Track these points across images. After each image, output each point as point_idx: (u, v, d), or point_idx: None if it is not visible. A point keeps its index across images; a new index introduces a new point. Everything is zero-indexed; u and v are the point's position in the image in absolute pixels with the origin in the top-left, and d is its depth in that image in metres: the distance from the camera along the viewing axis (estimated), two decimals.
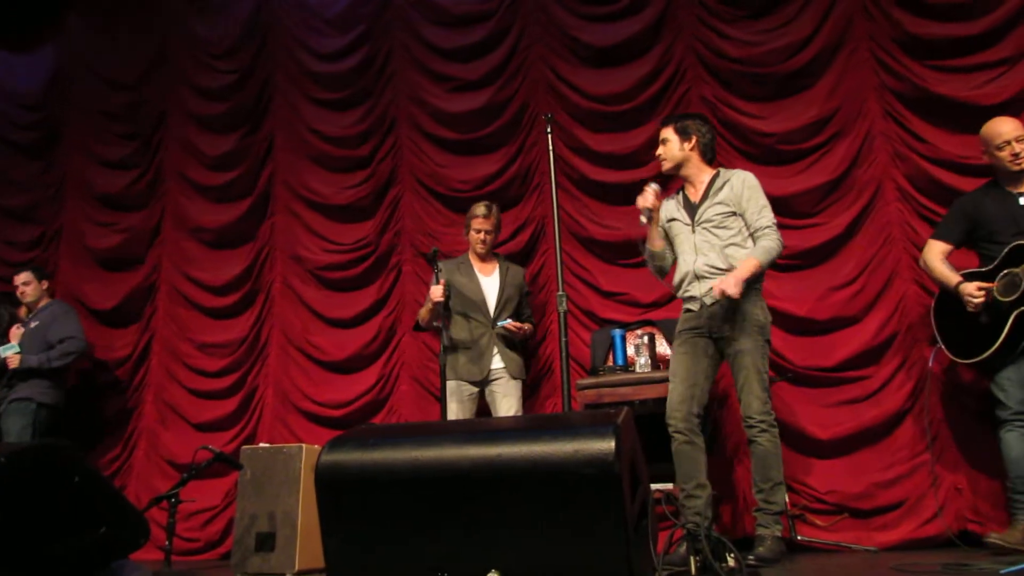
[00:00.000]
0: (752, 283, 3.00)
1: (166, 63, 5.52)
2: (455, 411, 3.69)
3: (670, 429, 3.03)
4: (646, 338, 3.70)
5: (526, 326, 3.80)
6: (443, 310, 3.67)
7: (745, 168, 3.84)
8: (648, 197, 3.12)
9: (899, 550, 3.30)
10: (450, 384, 3.71)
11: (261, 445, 3.63)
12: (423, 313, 3.85)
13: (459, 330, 3.77)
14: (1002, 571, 2.30)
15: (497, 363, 3.74)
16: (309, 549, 3.33)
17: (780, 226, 3.82)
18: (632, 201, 4.16)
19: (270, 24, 5.30)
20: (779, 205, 3.87)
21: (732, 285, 2.86)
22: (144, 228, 5.32)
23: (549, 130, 3.30)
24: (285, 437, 4.53)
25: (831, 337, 3.77)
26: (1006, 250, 2.96)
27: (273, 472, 3.47)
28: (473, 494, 1.83)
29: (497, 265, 3.92)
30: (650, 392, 3.50)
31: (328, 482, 1.88)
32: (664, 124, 3.29)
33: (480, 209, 3.87)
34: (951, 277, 3.10)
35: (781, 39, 4.05)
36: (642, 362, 3.64)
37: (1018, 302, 2.87)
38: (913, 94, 3.79)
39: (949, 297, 3.14)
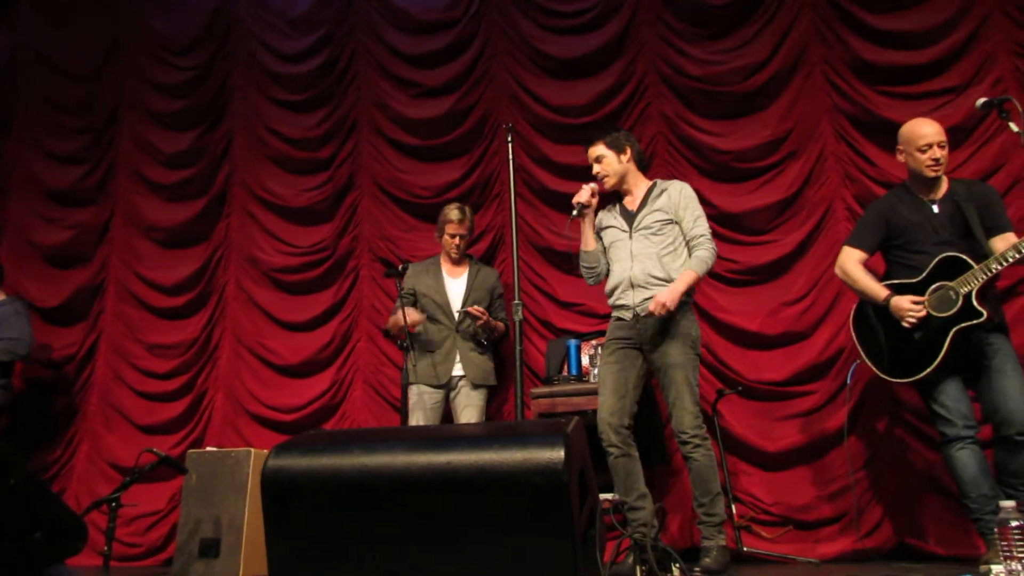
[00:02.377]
0: (686, 296, 3.04)
1: (122, 56, 5.40)
2: (420, 420, 3.67)
3: (603, 444, 3.02)
4: (600, 348, 3.72)
5: (494, 321, 3.80)
6: (405, 342, 3.58)
7: (702, 184, 3.93)
8: (584, 194, 3.15)
9: (840, 562, 3.37)
10: (412, 391, 3.70)
11: (208, 449, 3.56)
12: (391, 324, 3.81)
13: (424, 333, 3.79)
14: None
15: (458, 370, 3.73)
16: (255, 556, 3.27)
17: (735, 242, 3.95)
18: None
19: (231, 22, 5.23)
20: (733, 222, 3.97)
21: (669, 297, 2.91)
22: (93, 225, 5.19)
23: (510, 139, 3.31)
24: (235, 442, 4.44)
25: (781, 352, 3.85)
26: (935, 261, 2.85)
27: (220, 477, 3.40)
28: (421, 502, 1.81)
29: (467, 268, 3.92)
30: None
31: (274, 488, 1.84)
32: (593, 142, 3.27)
33: (454, 213, 3.86)
34: (878, 290, 2.95)
35: (739, 60, 4.14)
36: (596, 372, 3.67)
37: (957, 318, 2.78)
38: (864, 118, 3.90)
39: (870, 311, 3.02)
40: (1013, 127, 2.66)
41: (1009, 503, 1.69)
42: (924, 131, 2.95)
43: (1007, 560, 1.65)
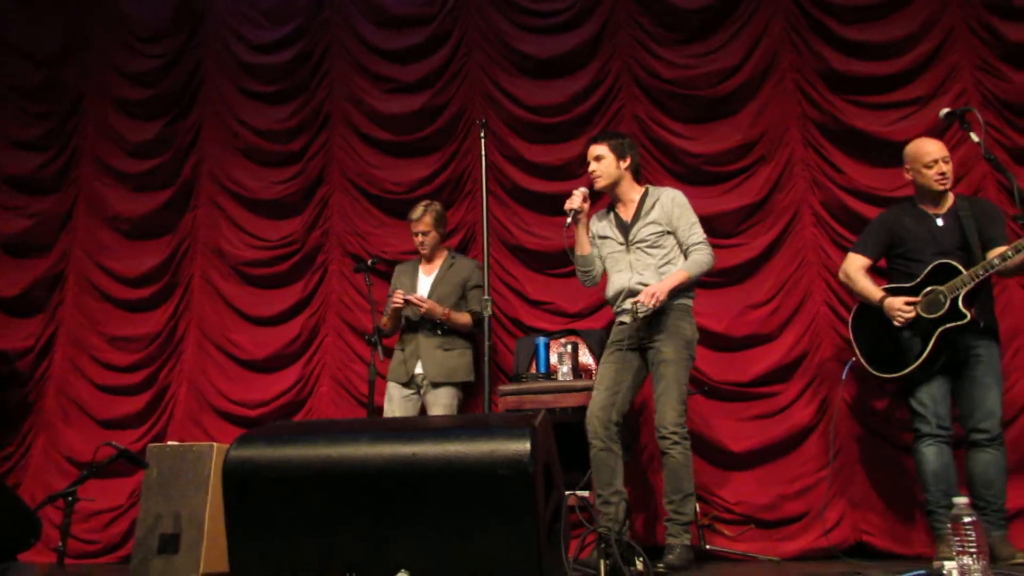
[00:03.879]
0: (680, 294, 3.08)
1: (88, 42, 5.29)
2: (394, 413, 3.69)
3: (589, 435, 3.07)
4: (569, 347, 3.74)
5: (455, 312, 3.72)
6: (373, 336, 3.60)
7: (672, 186, 3.96)
8: (576, 200, 3.16)
9: (801, 560, 3.42)
10: (389, 387, 3.74)
11: (169, 443, 3.50)
12: (384, 320, 3.80)
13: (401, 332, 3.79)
14: None
15: (420, 367, 3.71)
16: (215, 553, 3.22)
17: None
18: (562, 212, 4.25)
19: (203, 10, 5.16)
20: (703, 224, 3.97)
21: (659, 290, 2.95)
22: (54, 213, 5.08)
23: (483, 135, 3.31)
24: (197, 436, 4.37)
25: (747, 353, 3.89)
26: (929, 268, 3.01)
27: (181, 471, 3.34)
28: (386, 493, 1.81)
29: (441, 262, 3.90)
30: (571, 400, 3.54)
31: (236, 479, 1.82)
32: (598, 141, 3.29)
33: (415, 213, 3.86)
34: (875, 291, 3.13)
35: (712, 64, 4.18)
36: (564, 370, 3.68)
37: (942, 320, 2.94)
38: (832, 126, 3.97)
39: (868, 311, 3.18)
40: (974, 137, 2.74)
41: (963, 499, 1.73)
42: (929, 148, 3.12)
43: (959, 555, 1.69)
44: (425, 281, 3.86)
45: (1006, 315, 3.50)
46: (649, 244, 3.15)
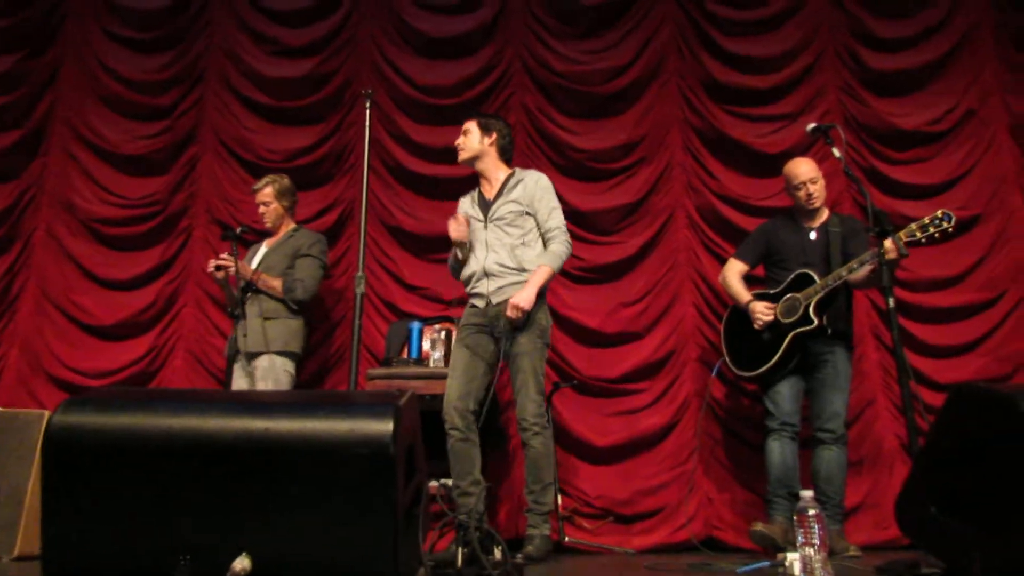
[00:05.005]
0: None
1: None
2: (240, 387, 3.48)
3: (446, 426, 3.02)
4: (443, 334, 3.67)
5: (244, 268, 3.47)
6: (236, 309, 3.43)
7: (556, 180, 3.97)
8: (455, 231, 3.12)
9: (654, 553, 3.52)
10: (236, 363, 3.53)
11: None
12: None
13: None
14: (739, 569, 2.51)
15: (240, 337, 3.44)
16: (37, 532, 2.93)
17: (583, 240, 4.02)
18: (446, 196, 4.20)
19: None
20: (583, 220, 4.05)
21: (525, 300, 2.94)
22: None
23: (368, 106, 3.19)
24: (28, 405, 3.97)
25: (616, 350, 3.97)
26: (791, 276, 3.22)
27: (4, 441, 3.02)
28: (232, 471, 1.67)
29: (282, 234, 3.71)
30: (442, 387, 3.46)
31: (58, 449, 1.64)
32: (468, 117, 3.34)
33: (257, 184, 3.72)
34: (744, 295, 3.35)
35: (602, 62, 4.24)
36: (436, 357, 3.61)
37: (796, 324, 3.14)
38: (710, 133, 4.12)
39: (738, 314, 3.39)
40: (836, 153, 2.89)
41: (807, 492, 1.81)
42: (797, 171, 3.33)
43: (803, 547, 1.76)
44: (263, 252, 3.68)
45: (853, 324, 3.75)
46: (507, 222, 3.13)
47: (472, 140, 3.24)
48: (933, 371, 3.74)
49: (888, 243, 2.67)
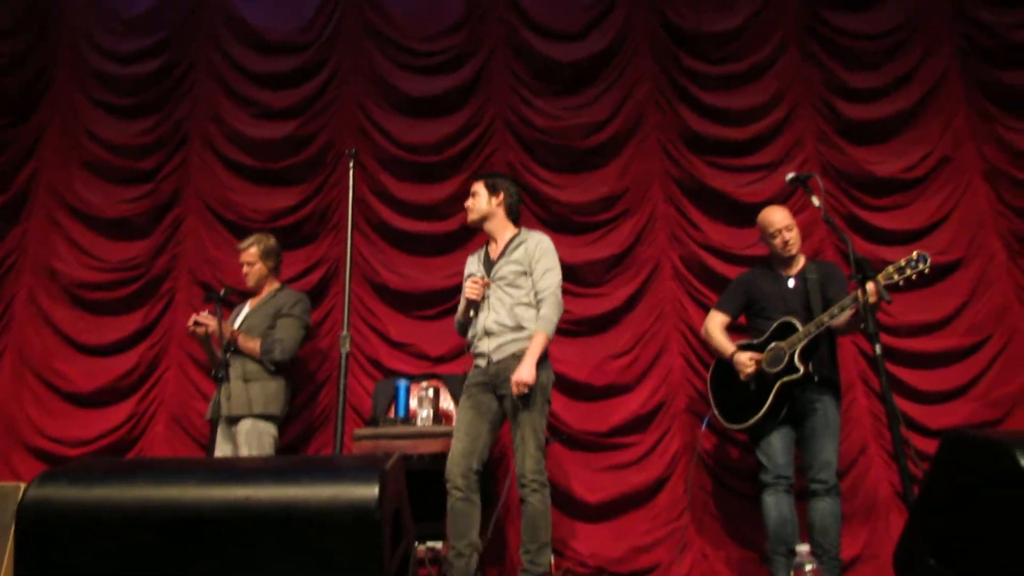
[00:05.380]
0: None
1: None
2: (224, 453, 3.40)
3: (448, 485, 2.96)
4: (431, 391, 3.63)
5: (224, 328, 3.40)
6: (220, 371, 3.33)
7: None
8: (472, 291, 3.12)
9: None
10: (219, 427, 3.45)
11: None
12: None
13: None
14: None
15: (223, 401, 3.38)
16: None
17: (568, 293, 3.99)
18: (430, 253, 4.21)
19: (56, 11, 4.79)
20: (569, 273, 4.03)
21: (528, 375, 2.91)
22: None
23: (352, 165, 3.21)
24: (5, 477, 3.88)
25: (606, 403, 3.93)
26: (774, 325, 3.19)
27: None
28: (214, 542, 1.62)
29: (266, 294, 3.68)
30: (430, 446, 3.41)
31: (31, 523, 1.57)
32: (476, 178, 3.35)
33: (242, 243, 3.71)
34: (727, 346, 3.31)
35: (581, 117, 4.30)
36: (424, 415, 3.56)
37: (782, 373, 3.09)
38: (691, 184, 4.17)
39: (724, 366, 3.34)
40: (815, 201, 2.93)
41: (804, 547, 1.77)
42: (772, 219, 3.34)
43: None
44: (245, 312, 3.65)
45: (840, 372, 3.74)
46: (508, 283, 3.13)
47: (480, 202, 3.25)
48: (924, 417, 3.71)
49: (870, 287, 2.68)
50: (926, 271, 2.87)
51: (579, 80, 4.39)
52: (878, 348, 2.55)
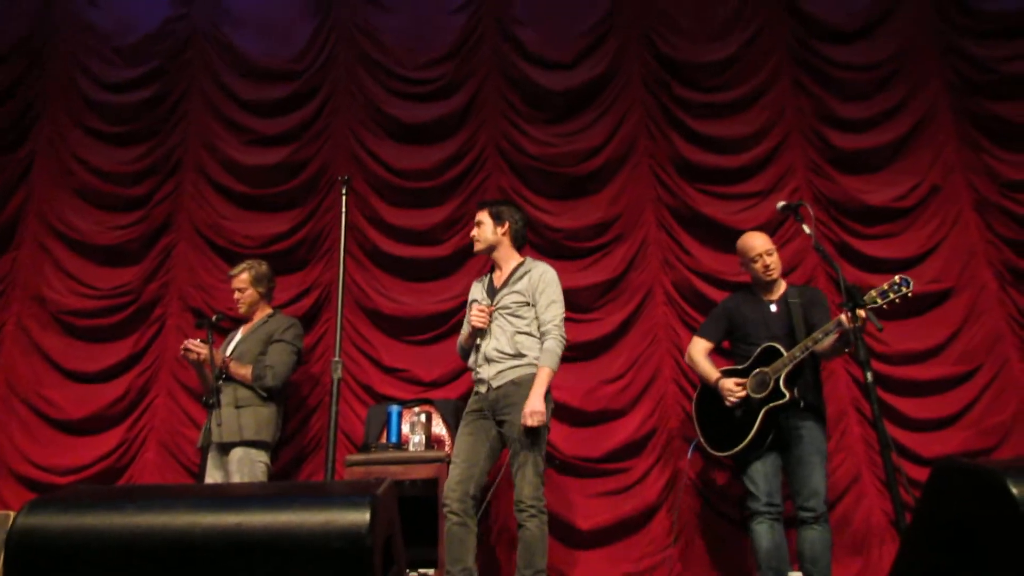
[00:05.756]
0: (533, 365, 3.06)
1: None
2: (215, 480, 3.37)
3: (445, 509, 2.95)
4: (423, 416, 3.61)
5: (216, 354, 3.37)
6: (211, 398, 3.27)
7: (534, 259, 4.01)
8: (478, 319, 3.12)
9: None
10: (210, 454, 3.42)
11: None
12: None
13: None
14: None
15: (215, 428, 3.31)
16: None
17: None
18: (422, 278, 4.21)
19: (48, 41, 4.81)
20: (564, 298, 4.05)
21: (538, 411, 2.91)
22: None
23: (345, 191, 3.21)
24: None
25: (599, 429, 3.91)
26: (758, 350, 3.17)
27: None
28: (205, 569, 1.59)
29: (258, 320, 3.67)
30: (422, 472, 3.39)
31: (22, 552, 1.55)
32: (480, 207, 3.37)
33: (234, 269, 3.72)
34: (711, 373, 3.29)
35: (574, 144, 4.33)
36: (416, 440, 3.53)
37: (767, 399, 3.08)
38: (684, 211, 4.19)
39: (709, 392, 3.32)
40: (806, 229, 2.94)
41: (796, 575, 1.75)
42: (752, 244, 3.33)
43: None
44: (238, 338, 3.63)
45: (832, 399, 3.75)
46: (510, 312, 3.14)
47: (486, 231, 3.27)
48: (917, 445, 3.70)
49: (860, 314, 2.69)
50: (909, 295, 2.86)
51: (571, 108, 4.43)
52: (869, 376, 2.55)
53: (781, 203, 3.16)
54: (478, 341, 3.18)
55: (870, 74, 4.32)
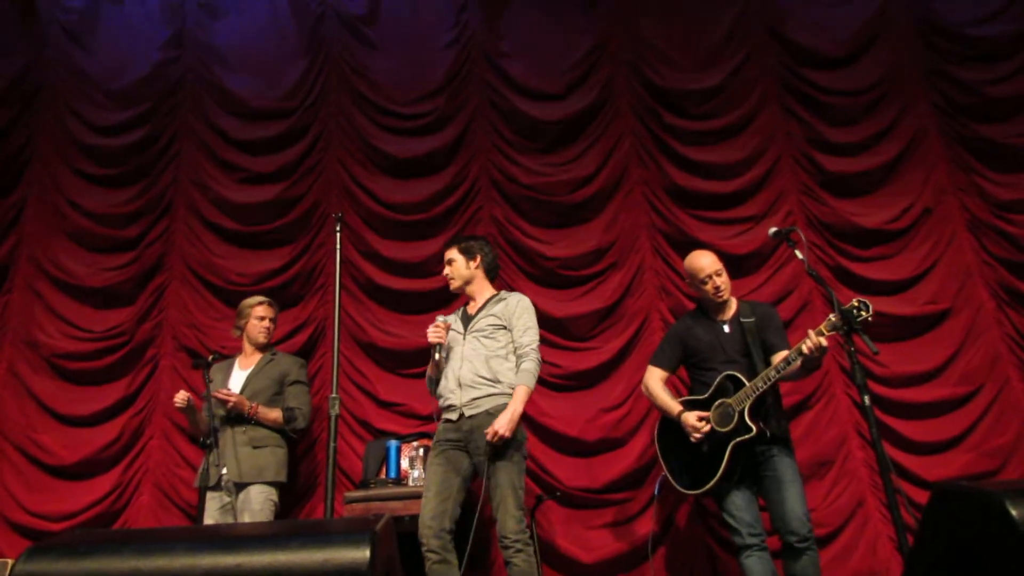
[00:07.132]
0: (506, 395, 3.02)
1: None
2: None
3: (423, 548, 2.88)
4: (421, 451, 3.58)
5: (242, 401, 3.38)
6: (209, 439, 3.24)
7: (528, 289, 4.02)
8: (434, 335, 3.09)
9: None
10: (206, 498, 3.33)
11: None
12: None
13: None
14: None
15: (225, 468, 3.33)
16: None
17: (559, 347, 4.01)
18: (417, 310, 4.20)
19: (40, 85, 4.85)
20: (558, 327, 4.05)
21: (507, 427, 2.88)
22: None
23: (339, 228, 3.22)
24: None
25: (599, 459, 3.87)
26: (718, 379, 3.03)
27: None
28: None
29: (259, 358, 3.65)
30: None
31: None
32: (449, 245, 3.35)
33: (259, 297, 3.73)
34: (672, 405, 3.14)
35: (567, 173, 4.36)
36: (415, 475, 3.50)
37: (734, 433, 2.93)
38: (678, 237, 4.20)
39: (670, 425, 3.17)
40: (799, 254, 2.90)
41: None
42: (700, 264, 3.18)
43: None
44: (239, 376, 3.59)
45: (833, 422, 3.73)
46: (485, 334, 3.12)
47: (459, 268, 3.27)
48: (920, 468, 3.66)
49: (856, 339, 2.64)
50: (869, 319, 2.67)
51: (563, 137, 4.46)
52: (867, 398, 2.49)
53: (773, 229, 3.11)
54: (444, 366, 3.14)
55: (858, 99, 4.37)
